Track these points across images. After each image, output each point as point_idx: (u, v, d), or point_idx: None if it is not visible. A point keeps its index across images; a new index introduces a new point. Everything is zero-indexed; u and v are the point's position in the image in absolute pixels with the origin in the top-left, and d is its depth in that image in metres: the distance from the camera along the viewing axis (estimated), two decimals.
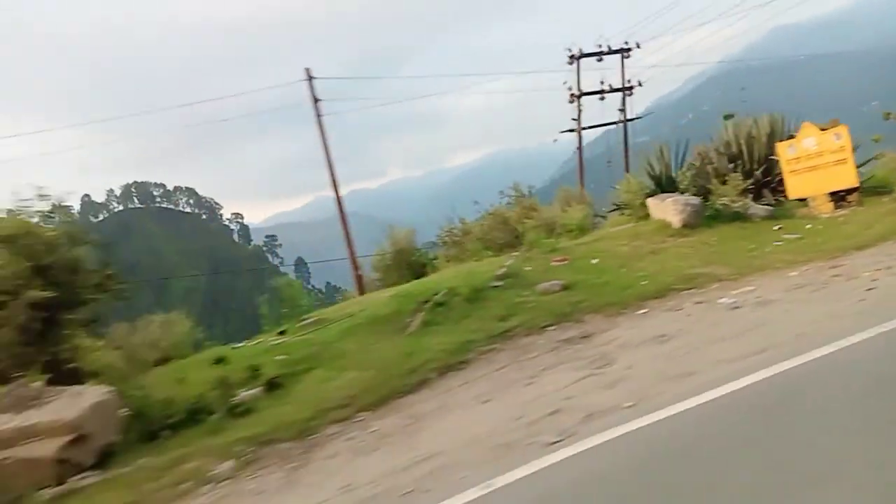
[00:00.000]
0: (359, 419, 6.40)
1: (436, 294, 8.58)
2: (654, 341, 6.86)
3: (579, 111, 20.20)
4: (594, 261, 9.67)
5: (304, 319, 10.60)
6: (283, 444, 6.06)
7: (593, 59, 21.08)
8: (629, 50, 20.24)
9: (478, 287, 8.69)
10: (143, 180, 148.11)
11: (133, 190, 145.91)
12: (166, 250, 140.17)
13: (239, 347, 8.86)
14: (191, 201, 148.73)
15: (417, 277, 15.90)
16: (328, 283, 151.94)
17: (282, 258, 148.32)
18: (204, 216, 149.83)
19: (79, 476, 5.80)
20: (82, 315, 8.51)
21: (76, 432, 5.85)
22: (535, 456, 4.80)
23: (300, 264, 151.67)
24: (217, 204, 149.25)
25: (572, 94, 20.38)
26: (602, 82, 20.62)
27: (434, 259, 17.39)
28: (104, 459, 6.13)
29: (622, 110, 20.73)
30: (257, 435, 6.20)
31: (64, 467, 5.77)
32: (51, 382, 7.13)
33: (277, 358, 7.91)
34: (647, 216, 11.78)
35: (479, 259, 12.07)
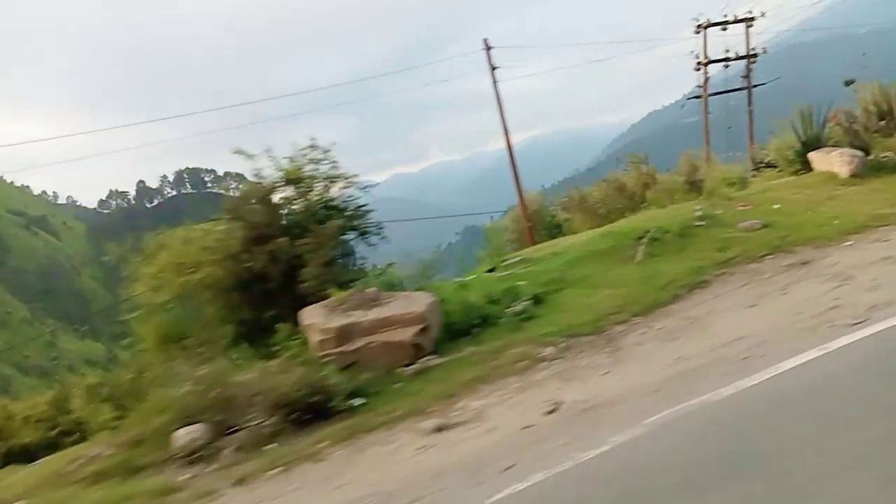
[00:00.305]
0: (636, 322, 7.62)
1: (647, 232, 9.72)
2: (881, 262, 7.89)
3: (706, 79, 21.01)
4: (776, 206, 10.69)
5: (506, 260, 11.82)
6: (586, 337, 7.33)
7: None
8: (752, 19, 21.06)
9: (684, 226, 9.82)
10: (195, 166, 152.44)
11: (185, 176, 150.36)
12: None
13: (467, 280, 10.09)
14: (241, 186, 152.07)
15: (553, 237, 17.13)
16: (373, 265, 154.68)
17: None
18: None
19: (425, 358, 7.16)
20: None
21: (423, 323, 7.21)
22: (843, 333, 5.94)
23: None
24: None
25: (699, 62, 21.22)
26: (727, 50, 21.46)
27: (566, 220, 18.62)
28: (436, 348, 7.47)
29: (745, 77, 21.48)
30: (557, 331, 7.48)
31: (415, 350, 7.14)
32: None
33: (519, 283, 9.15)
34: (800, 171, 12.75)
35: (653, 208, 13.15)
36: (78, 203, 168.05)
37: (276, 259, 9.05)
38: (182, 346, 10.02)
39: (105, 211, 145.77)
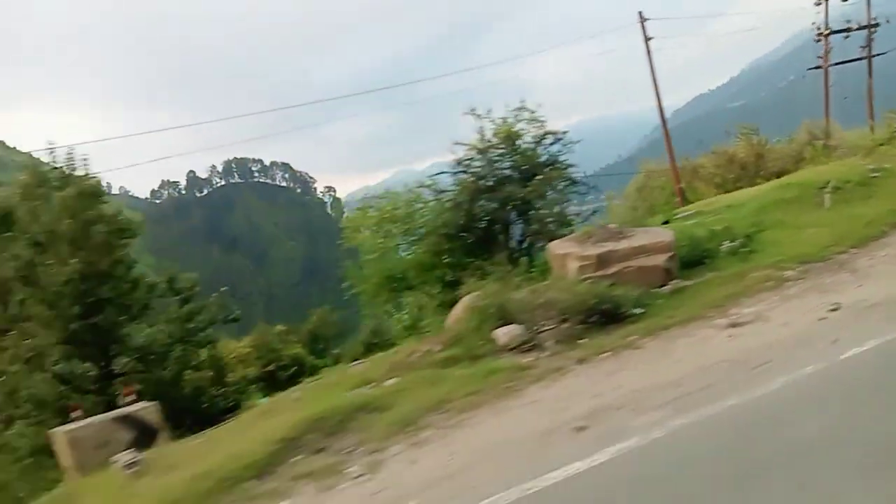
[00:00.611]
0: (855, 252, 8.58)
1: (827, 182, 10.62)
2: None
3: (826, 51, 21.44)
4: None
5: (677, 214, 12.80)
6: (816, 263, 8.30)
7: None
8: None
9: (862, 177, 10.69)
10: (243, 156, 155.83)
11: (233, 166, 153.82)
12: (264, 222, 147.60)
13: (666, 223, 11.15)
14: (286, 175, 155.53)
15: (672, 205, 18.04)
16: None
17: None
18: (298, 189, 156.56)
19: (673, 281, 8.22)
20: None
21: (671, 251, 8.27)
22: None
23: None
24: (311, 178, 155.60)
25: (819, 33, 21.64)
26: (848, 21, 21.78)
27: (687, 188, 19.60)
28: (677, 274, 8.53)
29: (865, 47, 21.82)
30: (787, 259, 8.46)
31: (665, 274, 8.21)
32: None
33: (714, 228, 10.12)
34: None
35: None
36: (130, 193, 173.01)
37: (503, 205, 10.22)
38: (403, 286, 11.32)
39: (157, 201, 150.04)
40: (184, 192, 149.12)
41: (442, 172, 11.57)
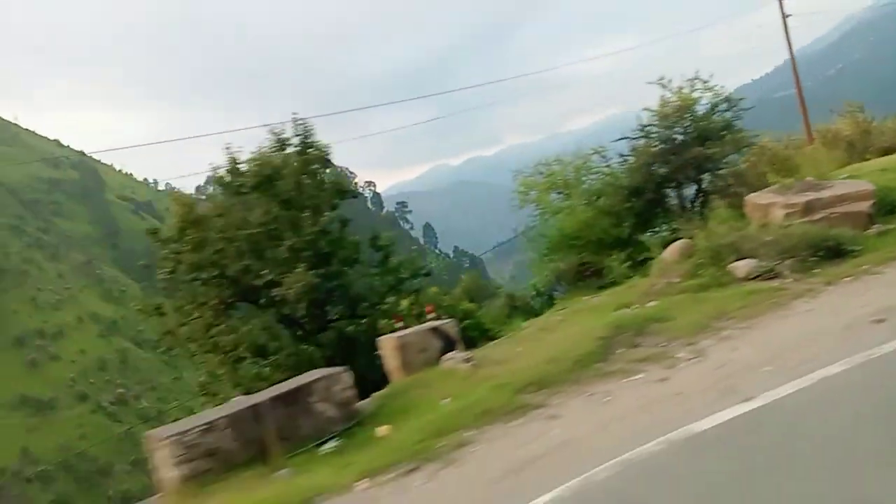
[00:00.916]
0: None
1: None
2: None
3: None
4: None
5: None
6: None
7: None
8: None
9: None
10: None
11: None
12: None
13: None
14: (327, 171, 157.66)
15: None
16: (456, 247, 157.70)
17: (411, 223, 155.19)
18: None
19: (875, 226, 9.16)
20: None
21: (872, 199, 9.23)
22: None
23: (428, 229, 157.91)
24: (352, 173, 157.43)
25: None
26: None
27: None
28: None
29: None
30: None
31: (868, 219, 9.17)
32: None
33: None
34: None
35: None
36: (175, 189, 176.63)
37: (679, 167, 11.30)
38: (578, 245, 12.46)
39: (203, 196, 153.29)
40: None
41: (622, 138, 12.67)
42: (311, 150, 14.32)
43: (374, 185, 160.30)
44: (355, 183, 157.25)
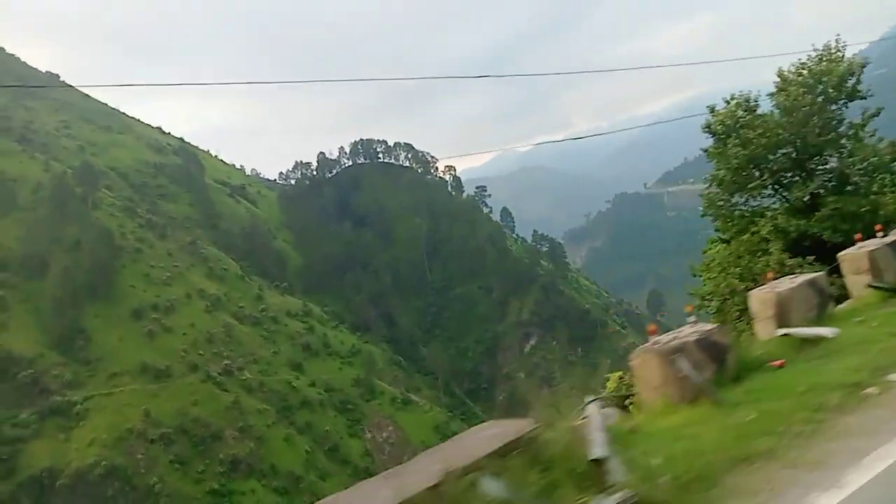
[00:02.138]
0: None
1: None
2: None
3: None
4: None
5: None
6: None
7: None
8: None
9: None
10: (368, 138, 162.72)
11: (360, 147, 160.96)
12: (389, 201, 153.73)
13: None
14: (409, 156, 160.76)
15: None
16: (535, 230, 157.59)
17: (490, 208, 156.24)
18: (420, 170, 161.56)
19: None
20: None
21: None
22: None
23: (505, 213, 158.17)
24: (433, 158, 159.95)
25: None
26: None
27: None
28: None
29: None
30: None
31: None
32: None
33: None
34: None
35: None
36: (260, 175, 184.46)
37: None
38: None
39: (291, 182, 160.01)
40: (315, 172, 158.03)
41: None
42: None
43: (454, 170, 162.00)
44: (436, 168, 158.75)
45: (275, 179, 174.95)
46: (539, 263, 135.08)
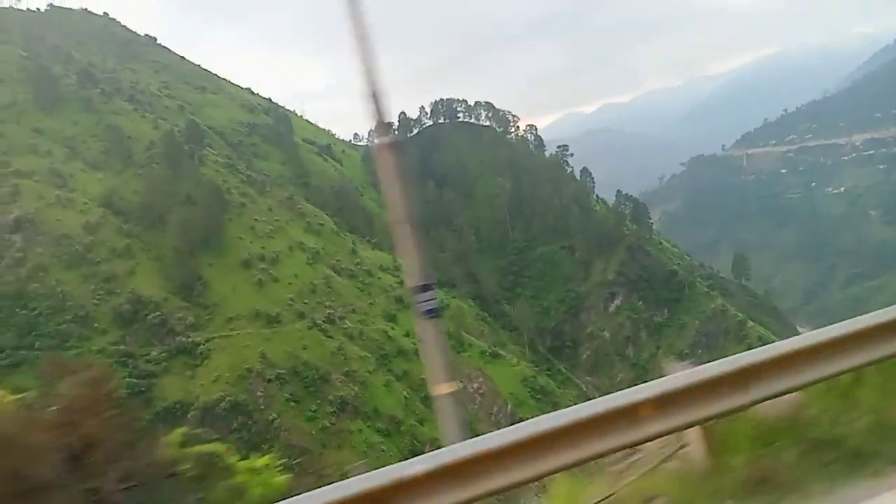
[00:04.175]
0: None
1: None
2: None
3: None
4: None
5: None
6: None
7: None
8: None
9: None
10: (449, 97, 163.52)
11: (441, 107, 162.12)
12: (469, 160, 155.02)
13: None
14: (489, 115, 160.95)
15: None
16: (618, 190, 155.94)
17: (572, 167, 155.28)
18: (499, 129, 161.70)
19: None
20: None
21: None
22: None
23: (585, 173, 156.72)
24: (514, 116, 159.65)
25: None
26: None
27: None
28: None
29: None
30: None
31: None
32: None
33: None
34: None
35: None
36: (336, 135, 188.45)
37: None
38: None
39: (374, 141, 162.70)
40: (397, 132, 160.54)
41: None
42: None
43: (535, 129, 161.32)
44: (517, 127, 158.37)
45: (350, 140, 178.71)
46: (624, 224, 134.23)
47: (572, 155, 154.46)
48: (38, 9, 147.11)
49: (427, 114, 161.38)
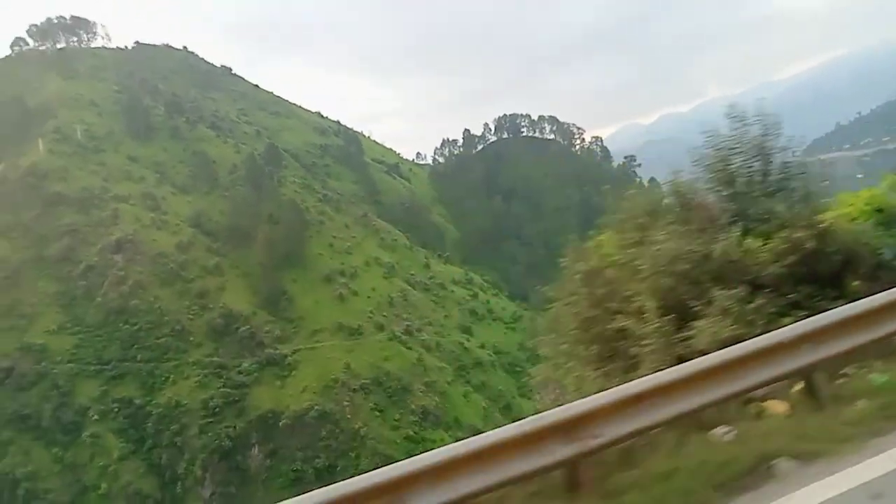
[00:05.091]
0: None
1: None
2: None
3: None
4: None
5: None
6: None
7: None
8: None
9: None
10: (512, 113, 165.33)
11: (504, 122, 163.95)
12: (535, 174, 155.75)
13: None
14: (553, 128, 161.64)
15: None
16: None
17: (640, 177, 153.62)
18: (564, 142, 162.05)
19: None
20: None
21: None
22: None
23: (653, 182, 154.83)
24: (579, 129, 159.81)
25: None
26: None
27: None
28: None
29: None
30: None
31: None
32: None
33: None
34: None
35: None
36: (399, 154, 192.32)
37: None
38: None
39: (439, 159, 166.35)
40: (462, 149, 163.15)
41: None
42: None
43: (601, 140, 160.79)
44: (582, 139, 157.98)
45: (412, 159, 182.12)
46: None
47: (640, 165, 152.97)
48: (126, 46, 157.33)
49: (491, 130, 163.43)
